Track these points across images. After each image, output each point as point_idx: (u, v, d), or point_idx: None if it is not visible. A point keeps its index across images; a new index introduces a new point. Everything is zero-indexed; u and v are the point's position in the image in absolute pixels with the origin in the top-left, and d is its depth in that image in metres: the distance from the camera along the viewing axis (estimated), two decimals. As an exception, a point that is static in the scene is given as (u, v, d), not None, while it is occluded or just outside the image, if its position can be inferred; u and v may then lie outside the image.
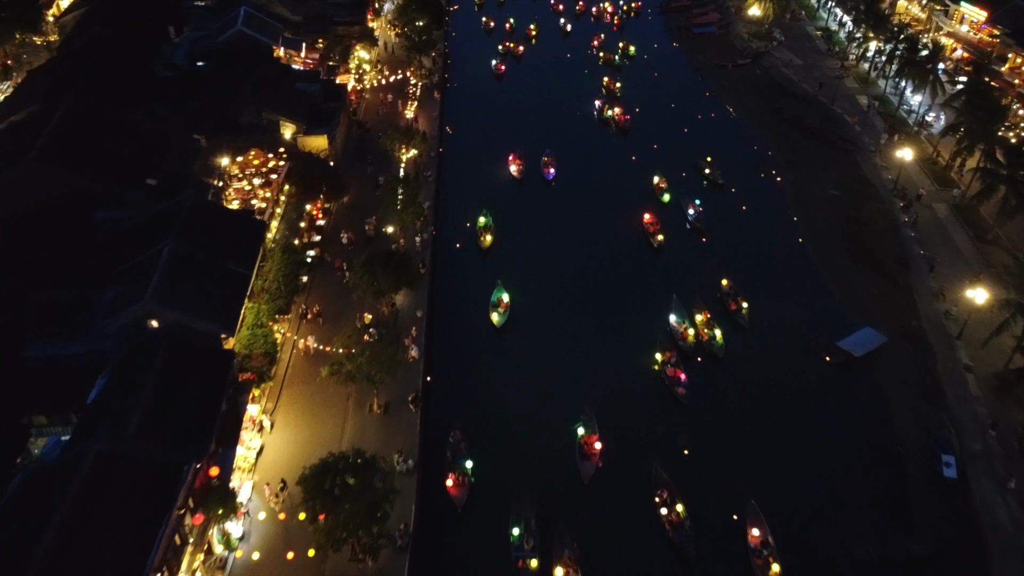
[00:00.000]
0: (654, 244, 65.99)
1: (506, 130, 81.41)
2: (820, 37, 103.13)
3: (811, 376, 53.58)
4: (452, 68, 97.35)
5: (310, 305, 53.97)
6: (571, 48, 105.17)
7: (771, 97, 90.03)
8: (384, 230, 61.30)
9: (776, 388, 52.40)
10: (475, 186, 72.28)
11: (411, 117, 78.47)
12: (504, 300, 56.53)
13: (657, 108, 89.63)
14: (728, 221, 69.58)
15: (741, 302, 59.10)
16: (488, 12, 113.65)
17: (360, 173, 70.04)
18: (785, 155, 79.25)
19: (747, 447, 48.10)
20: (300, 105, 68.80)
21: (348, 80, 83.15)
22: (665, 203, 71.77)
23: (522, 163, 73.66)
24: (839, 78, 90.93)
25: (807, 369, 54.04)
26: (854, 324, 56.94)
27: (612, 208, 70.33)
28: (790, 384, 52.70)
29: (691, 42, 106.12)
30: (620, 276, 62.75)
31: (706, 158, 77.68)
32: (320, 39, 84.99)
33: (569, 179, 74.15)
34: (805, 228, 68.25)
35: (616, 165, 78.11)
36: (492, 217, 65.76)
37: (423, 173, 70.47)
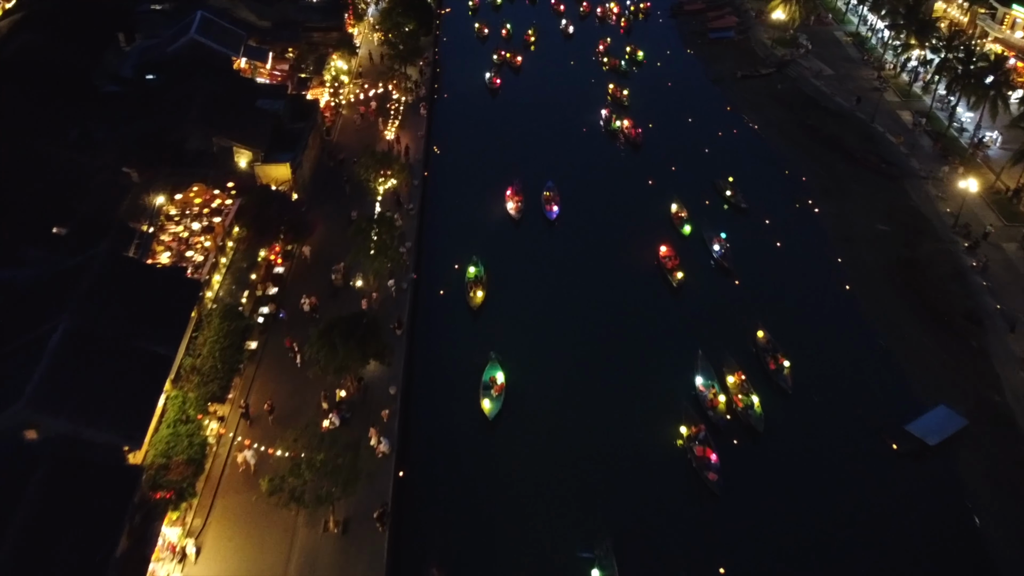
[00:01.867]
0: (672, 283, 56.20)
1: (502, 155, 71.23)
2: (851, 43, 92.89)
3: (874, 466, 43.37)
4: (442, 80, 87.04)
5: (256, 387, 43.63)
6: (574, 53, 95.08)
7: (801, 112, 79.83)
8: (353, 283, 50.92)
9: (830, 476, 42.44)
10: (465, 225, 61.91)
11: (392, 138, 68.18)
12: (498, 380, 45.90)
13: (672, 122, 79.69)
14: (760, 259, 59.57)
15: (782, 360, 49.06)
16: (483, 16, 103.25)
17: (332, 207, 59.78)
18: (821, 181, 69.09)
19: (796, 554, 38.22)
20: (260, 127, 58.58)
21: (321, 95, 73.00)
22: (685, 235, 61.72)
23: (520, 199, 63.30)
24: (877, 91, 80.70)
25: (867, 453, 43.90)
26: (920, 396, 47.02)
27: (624, 245, 60.28)
28: (847, 473, 42.63)
29: (707, 49, 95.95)
30: (635, 327, 52.62)
31: (727, 177, 67.75)
32: (290, 48, 74.78)
33: (575, 214, 63.64)
34: (852, 271, 58.06)
35: (628, 189, 68.17)
36: (484, 266, 55.32)
37: (404, 206, 60.26)
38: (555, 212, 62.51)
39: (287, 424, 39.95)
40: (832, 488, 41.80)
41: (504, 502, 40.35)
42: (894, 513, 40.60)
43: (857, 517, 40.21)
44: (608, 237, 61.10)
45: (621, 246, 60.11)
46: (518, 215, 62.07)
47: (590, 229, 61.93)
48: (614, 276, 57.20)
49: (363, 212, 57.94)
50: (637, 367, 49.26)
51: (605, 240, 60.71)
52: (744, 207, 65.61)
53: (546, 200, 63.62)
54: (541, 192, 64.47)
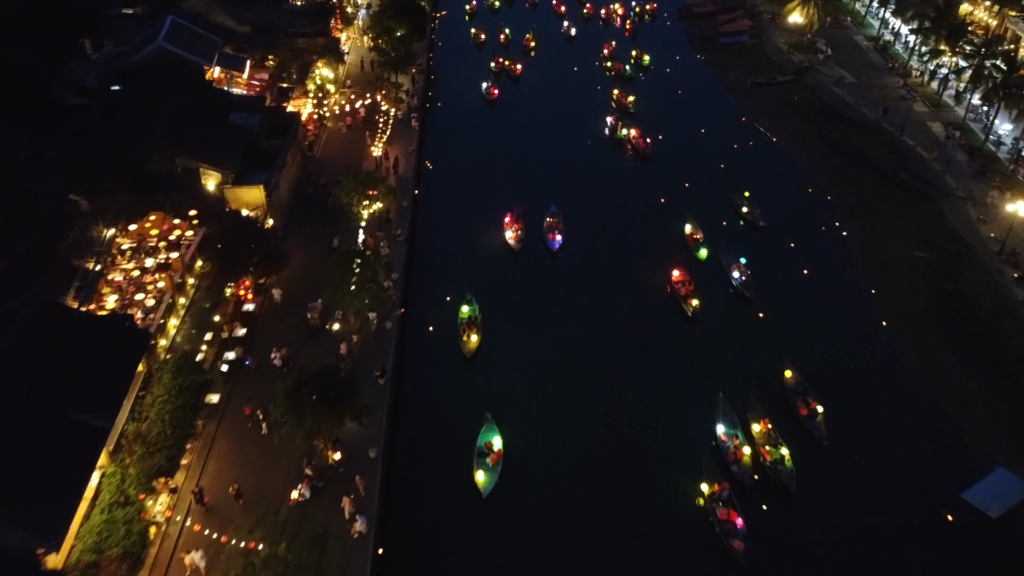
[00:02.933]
0: (687, 311, 50.72)
1: (500, 173, 65.40)
2: (872, 49, 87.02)
3: (925, 538, 37.68)
4: (436, 89, 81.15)
5: (215, 453, 37.75)
6: (576, 57, 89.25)
7: (822, 123, 73.96)
8: (329, 326, 45.15)
9: (873, 549, 36.77)
10: (458, 256, 55.85)
11: (379, 154, 62.39)
12: (495, 446, 39.79)
13: (682, 132, 73.95)
14: (784, 287, 53.80)
15: (814, 405, 43.49)
16: (480, 21, 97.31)
17: (312, 233, 54.06)
18: (848, 200, 63.31)
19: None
20: (231, 145, 52.87)
21: (304, 106, 67.23)
22: (701, 260, 56.12)
23: (520, 226, 57.19)
24: (904, 100, 74.88)
25: (917, 523, 38.21)
26: (975, 454, 41.50)
27: (634, 273, 54.54)
28: (894, 546, 36.90)
29: (719, 54, 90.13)
30: (648, 367, 46.96)
31: (743, 193, 62.19)
32: (271, 55, 69.03)
33: (580, 241, 57.50)
34: (888, 305, 52.32)
35: (637, 207, 62.45)
36: (479, 306, 49.28)
37: (391, 231, 54.51)
38: (558, 242, 56.45)
39: (248, 503, 34.20)
40: (876, 564, 36.21)
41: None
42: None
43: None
44: (617, 266, 55.23)
45: (631, 275, 54.41)
46: (518, 245, 56.02)
47: (597, 258, 55.96)
48: (623, 310, 51.36)
49: (346, 239, 52.31)
50: (651, 416, 43.65)
51: (613, 270, 54.81)
52: (762, 225, 60.11)
53: (548, 227, 57.60)
54: (543, 218, 58.45)
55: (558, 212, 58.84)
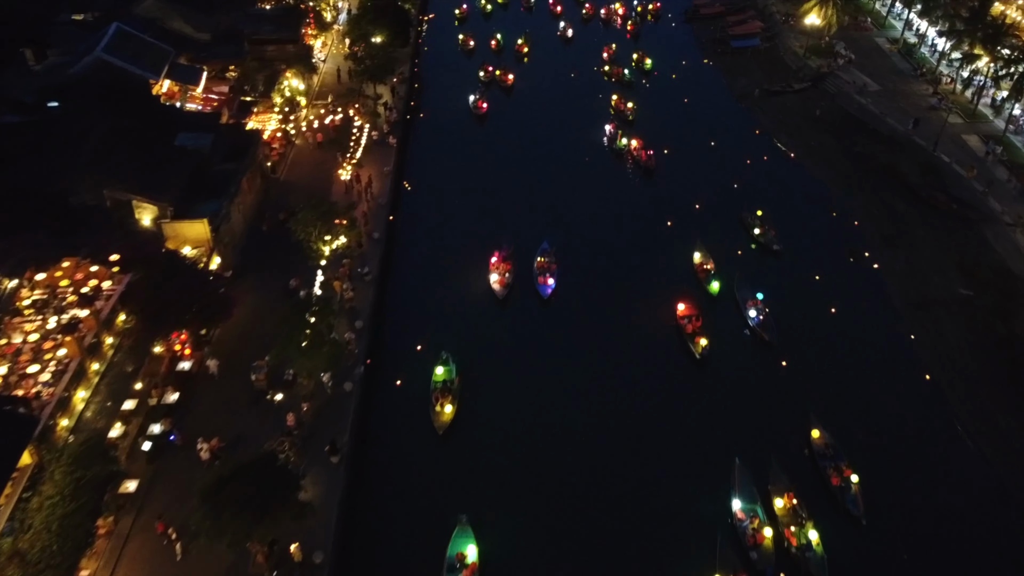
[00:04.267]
0: (696, 353, 44.10)
1: (487, 201, 58.15)
2: (896, 53, 79.77)
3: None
4: (419, 101, 73.98)
5: (124, 564, 30.81)
6: (574, 62, 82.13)
7: (846, 137, 66.84)
8: (271, 396, 38.18)
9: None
10: (436, 301, 48.40)
11: (347, 178, 55.39)
12: (468, 557, 32.43)
13: (690, 146, 66.98)
14: (808, 328, 47.01)
15: (847, 473, 36.94)
16: (471, 26, 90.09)
17: (269, 273, 47.11)
18: (879, 224, 56.19)
19: None
20: (173, 172, 46.04)
21: (268, 122, 60.30)
22: (713, 294, 49.23)
23: (509, 267, 49.68)
24: (935, 110, 67.68)
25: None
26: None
27: (636, 314, 47.79)
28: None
29: (728, 59, 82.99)
30: (651, 424, 40.54)
31: (755, 211, 55.37)
32: (232, 65, 62.10)
33: (575, 281, 50.12)
34: (931, 352, 45.28)
35: (641, 232, 55.78)
36: (456, 367, 41.85)
37: (358, 269, 47.53)
38: (550, 286, 48.97)
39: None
40: None
41: None
42: None
43: None
44: (617, 310, 48.10)
45: (633, 319, 47.51)
46: (503, 291, 48.44)
47: (594, 303, 48.59)
48: (624, 363, 44.36)
49: (308, 279, 45.38)
50: (656, 491, 37.02)
51: (613, 316, 47.64)
52: (777, 249, 53.46)
53: (540, 269, 50.08)
54: (534, 257, 50.90)
55: (551, 250, 51.36)
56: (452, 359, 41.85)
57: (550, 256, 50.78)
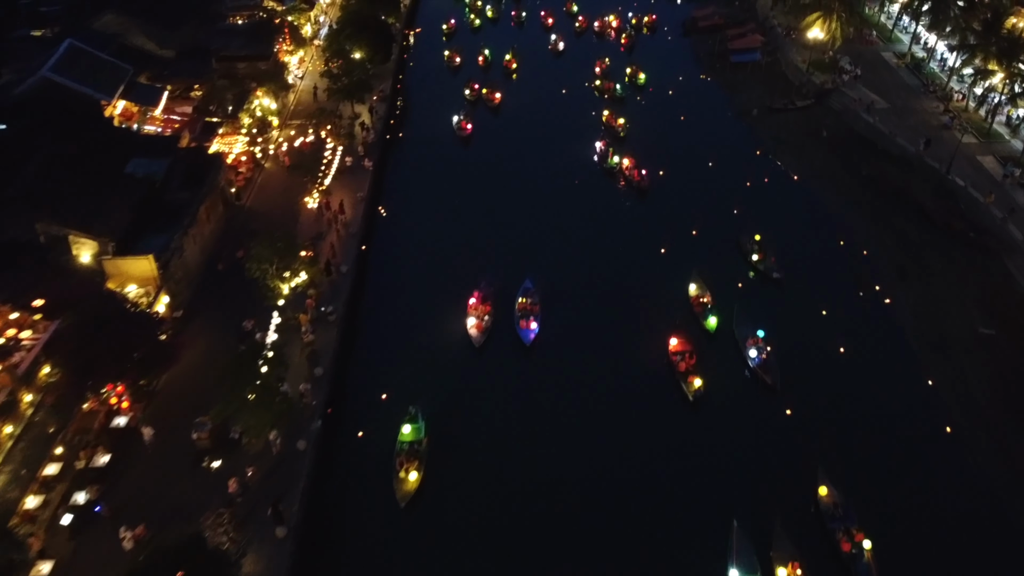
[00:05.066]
0: (688, 394, 40.27)
1: (468, 231, 53.85)
2: (903, 67, 75.76)
3: None
4: (401, 121, 69.96)
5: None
6: (565, 77, 77.98)
7: (853, 157, 62.77)
8: (206, 464, 33.96)
9: None
10: (407, 346, 43.81)
11: (314, 206, 51.34)
12: None
13: (687, 166, 62.98)
14: (815, 370, 42.84)
15: (859, 537, 33.00)
16: (459, 41, 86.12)
17: (226, 310, 43.00)
18: (891, 254, 52.01)
19: None
20: (117, 203, 42.07)
21: (234, 144, 56.32)
22: (710, 330, 45.10)
23: (488, 309, 45.12)
24: (948, 129, 63.62)
25: None
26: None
27: (627, 352, 43.87)
28: None
29: (728, 74, 79.06)
30: (639, 479, 36.52)
31: (753, 235, 51.44)
32: (197, 83, 58.16)
33: (561, 321, 45.59)
34: (951, 399, 41.01)
35: (633, 262, 51.70)
36: (426, 424, 37.32)
37: (321, 309, 43.36)
38: (533, 331, 44.32)
39: None
40: None
41: None
42: None
43: None
44: (605, 352, 43.88)
45: (623, 361, 43.49)
46: (482, 337, 43.74)
47: (580, 347, 44.13)
48: (612, 413, 40.24)
49: (266, 319, 41.23)
50: (642, 560, 32.82)
51: (600, 360, 43.38)
52: (777, 277, 49.53)
53: (522, 311, 45.52)
54: (516, 298, 46.40)
55: (534, 290, 46.89)
56: (421, 415, 37.37)
57: (533, 297, 46.28)
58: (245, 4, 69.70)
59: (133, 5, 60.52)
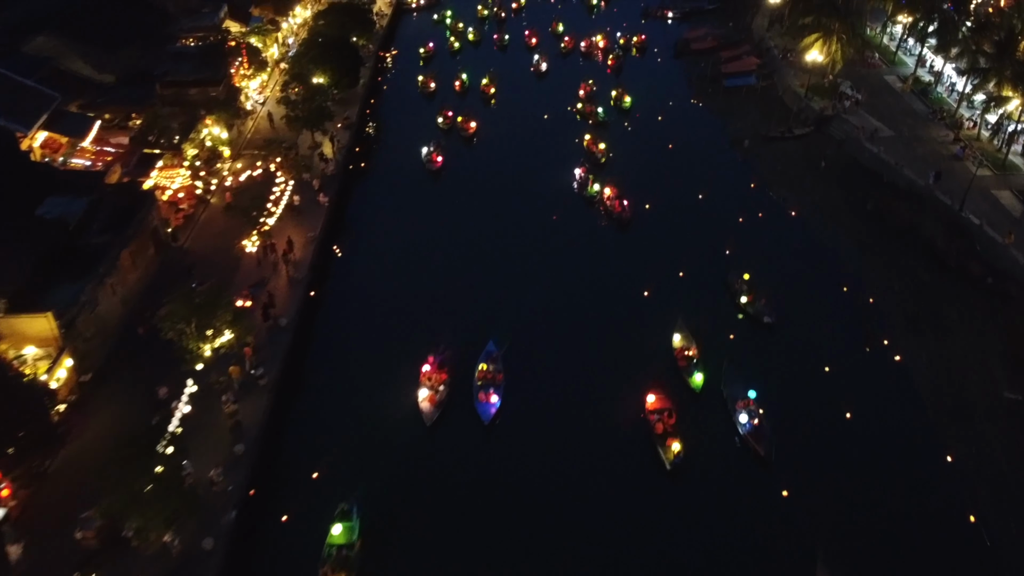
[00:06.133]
0: (666, 460, 35.36)
1: (429, 280, 48.05)
2: (909, 92, 70.73)
3: None
4: (367, 151, 64.74)
5: None
6: (548, 101, 73.28)
7: (856, 191, 57.65)
8: (87, 574, 28.39)
9: None
10: (347, 420, 37.81)
11: (254, 250, 46.01)
12: None
13: (675, 198, 57.92)
14: (816, 439, 37.50)
15: None
16: (437, 64, 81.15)
17: (143, 374, 37.54)
18: (900, 302, 46.69)
19: None
20: (16, 252, 36.70)
21: (174, 178, 51.09)
22: (696, 389, 39.73)
23: (444, 377, 39.06)
24: (959, 160, 58.49)
25: None
26: None
27: (605, 420, 38.27)
28: None
29: (721, 99, 74.17)
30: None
31: (742, 274, 46.37)
32: (136, 112, 53.01)
33: (526, 391, 39.68)
34: (977, 479, 35.52)
35: (612, 307, 46.30)
36: (361, 523, 31.33)
37: (251, 372, 37.88)
38: (494, 405, 38.21)
39: None
40: None
41: None
42: None
43: None
44: (577, 422, 38.39)
45: (598, 429, 37.96)
46: (435, 413, 37.64)
47: (548, 417, 38.49)
48: (583, 497, 34.72)
49: (181, 387, 35.80)
50: None
51: (572, 431, 37.85)
52: (768, 322, 44.39)
53: (482, 381, 39.43)
54: (477, 363, 40.37)
55: (497, 354, 40.95)
56: (356, 511, 31.47)
57: (496, 362, 40.29)
58: (201, 25, 64.76)
59: (72, 26, 55.49)
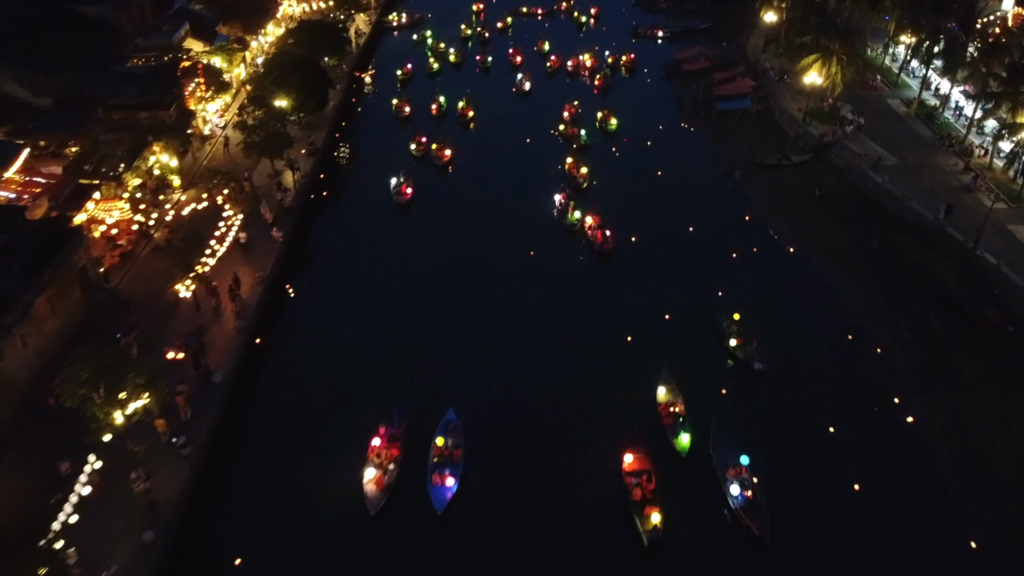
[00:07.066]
0: (643, 534, 30.99)
1: (387, 333, 42.77)
2: (914, 117, 66.41)
3: None
4: (332, 179, 60.11)
5: None
6: (531, 123, 69.05)
7: (859, 225, 53.18)
8: None
9: None
10: (278, 506, 32.66)
11: (187, 295, 41.22)
12: None
13: (662, 231, 53.45)
14: (816, 515, 32.86)
15: None
16: (415, 87, 76.79)
17: (55, 444, 32.68)
18: (912, 354, 41.92)
19: None
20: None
21: (112, 211, 46.47)
22: (682, 452, 35.24)
23: (396, 453, 33.76)
24: (970, 191, 54.13)
25: None
26: None
27: (576, 499, 33.45)
28: None
29: (714, 123, 69.76)
30: None
31: (731, 315, 41.98)
32: (73, 138, 48.42)
33: (486, 469, 34.54)
34: (1004, 568, 30.68)
35: (590, 357, 41.49)
36: None
37: (172, 440, 33.05)
38: (450, 490, 32.77)
39: None
40: None
41: None
42: None
43: None
44: (546, 495, 33.60)
45: (566, 502, 33.32)
46: (381, 498, 32.23)
47: (512, 496, 33.51)
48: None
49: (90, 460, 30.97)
50: None
51: (538, 511, 32.95)
52: (759, 368, 39.96)
53: (438, 458, 34.05)
54: (434, 436, 34.84)
55: (457, 424, 35.75)
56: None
57: (455, 435, 35.06)
58: (156, 44, 60.34)
59: (5, 46, 51.07)
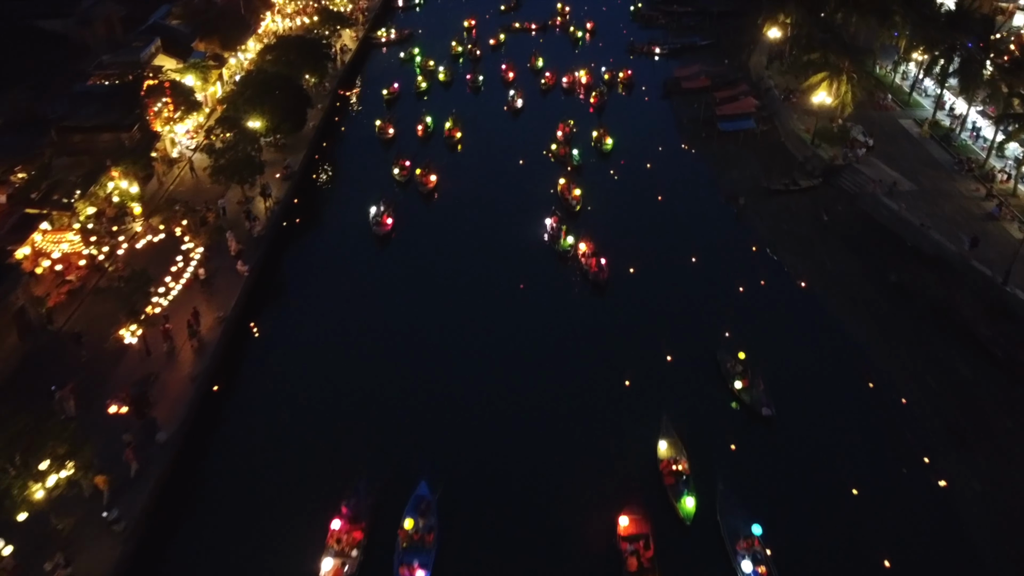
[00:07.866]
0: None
1: (356, 387, 38.29)
2: (928, 138, 62.60)
3: None
4: (309, 205, 56.18)
5: None
6: (523, 144, 65.36)
7: (875, 257, 49.19)
8: None
9: None
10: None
11: (133, 341, 37.09)
12: None
13: (662, 261, 49.62)
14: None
15: None
16: (401, 107, 72.96)
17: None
18: (939, 406, 37.70)
19: None
20: None
21: (60, 244, 42.48)
22: (687, 518, 31.28)
23: (359, 538, 29.18)
24: (995, 220, 50.27)
25: None
26: None
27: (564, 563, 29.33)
28: None
29: (716, 145, 66.00)
30: None
31: (736, 354, 38.13)
32: (18, 164, 44.45)
33: (467, 538, 30.60)
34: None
35: (582, 405, 37.48)
36: None
37: (103, 515, 28.87)
38: None
39: None
40: None
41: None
42: None
43: None
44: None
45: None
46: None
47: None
48: None
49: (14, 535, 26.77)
50: None
51: None
52: (767, 415, 36.07)
53: (406, 544, 29.25)
54: (403, 515, 30.19)
55: (430, 501, 31.16)
56: None
57: (427, 514, 30.40)
58: (121, 61, 56.54)
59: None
